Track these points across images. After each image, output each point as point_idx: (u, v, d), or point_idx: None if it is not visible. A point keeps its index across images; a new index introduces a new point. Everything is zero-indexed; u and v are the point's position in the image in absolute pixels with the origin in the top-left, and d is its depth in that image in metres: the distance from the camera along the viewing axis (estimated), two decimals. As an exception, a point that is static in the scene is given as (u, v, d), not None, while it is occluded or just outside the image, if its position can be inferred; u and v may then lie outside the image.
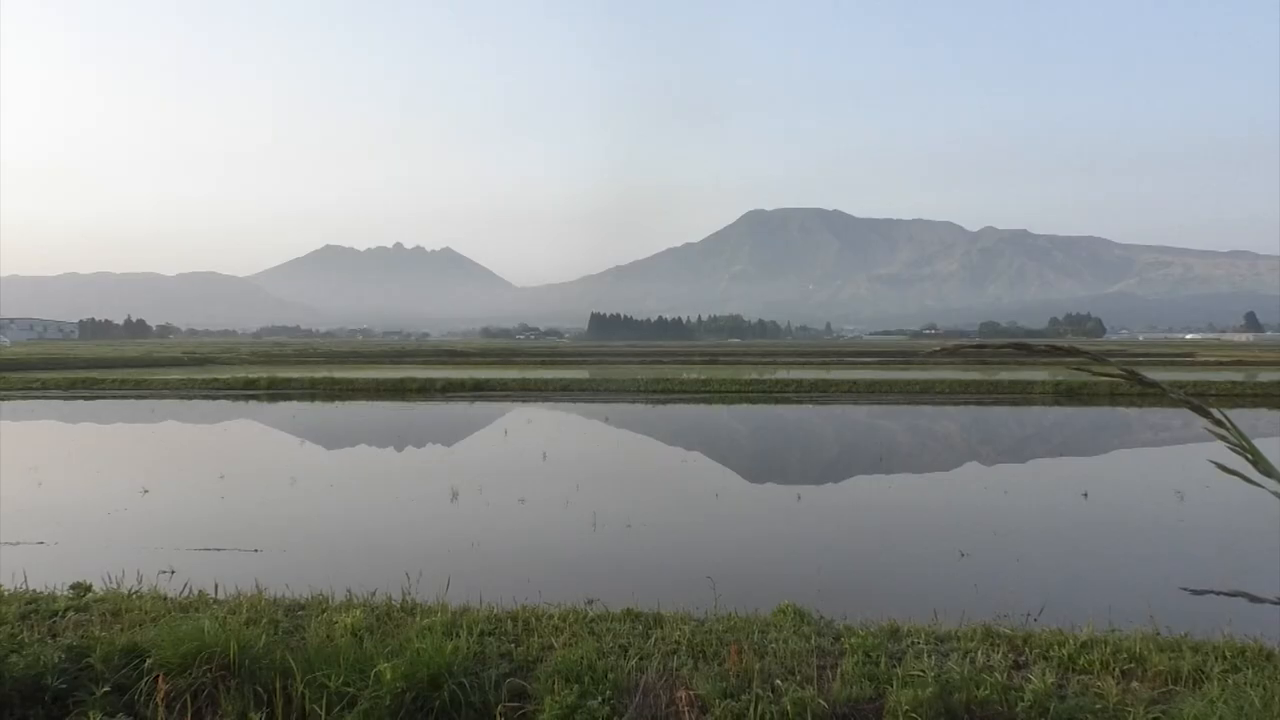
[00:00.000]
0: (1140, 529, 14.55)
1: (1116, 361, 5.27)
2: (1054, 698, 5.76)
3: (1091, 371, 1.19)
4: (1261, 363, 73.08)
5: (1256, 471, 1.14)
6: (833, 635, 7.27)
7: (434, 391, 46.13)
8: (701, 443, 27.45)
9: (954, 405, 39.19)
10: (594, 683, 5.90)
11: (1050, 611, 8.68)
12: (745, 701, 5.69)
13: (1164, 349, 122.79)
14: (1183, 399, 1.15)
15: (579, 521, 14.61)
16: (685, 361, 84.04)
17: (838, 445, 27.57)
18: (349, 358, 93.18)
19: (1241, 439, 1.12)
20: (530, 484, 18.39)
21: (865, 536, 14.30)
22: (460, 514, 15.43)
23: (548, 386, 47.37)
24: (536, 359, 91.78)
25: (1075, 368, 1.21)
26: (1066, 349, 1.20)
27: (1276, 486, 1.14)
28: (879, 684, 6.03)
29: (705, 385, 46.88)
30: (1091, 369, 1.20)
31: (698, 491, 18.17)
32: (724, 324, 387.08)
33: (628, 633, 7.33)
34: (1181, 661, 6.50)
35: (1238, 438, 1.12)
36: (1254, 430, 29.76)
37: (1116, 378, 1.14)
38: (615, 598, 8.81)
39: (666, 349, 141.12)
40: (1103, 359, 1.17)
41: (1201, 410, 1.13)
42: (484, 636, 7.07)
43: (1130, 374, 1.14)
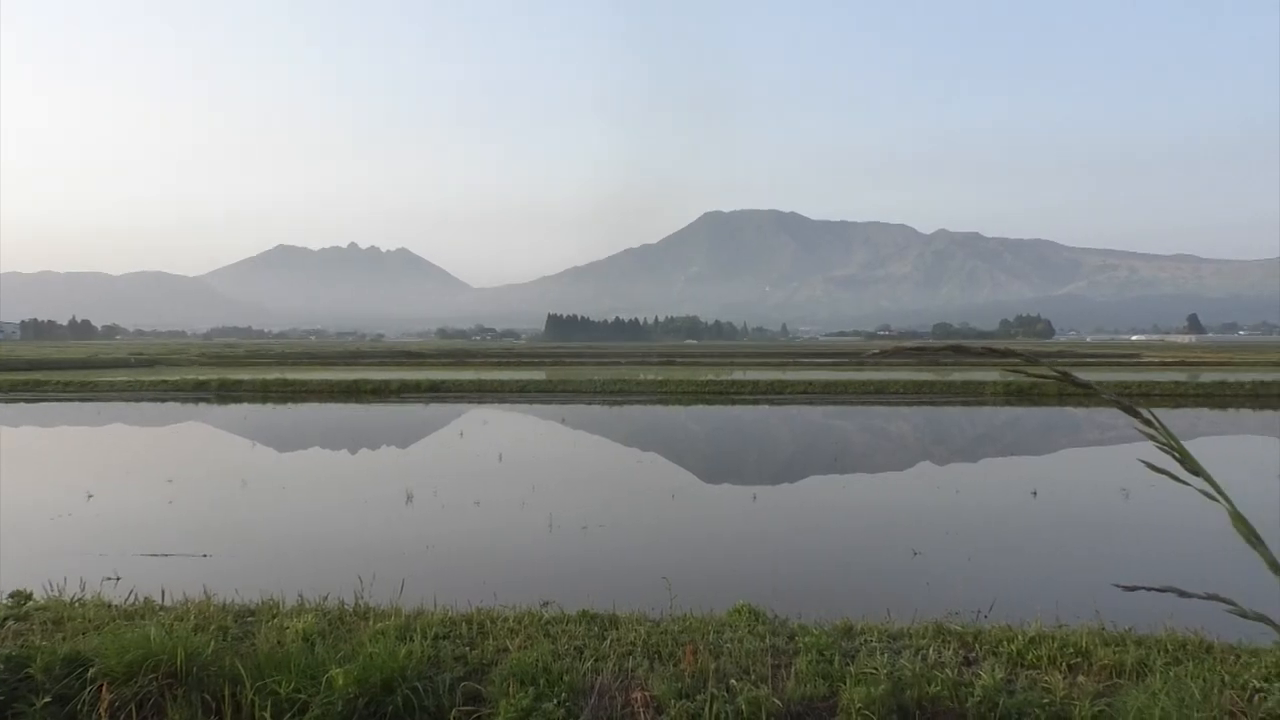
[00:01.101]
0: (1087, 526, 14.82)
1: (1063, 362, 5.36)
2: (1003, 693, 5.85)
3: (1026, 373, 1.21)
4: (1203, 363, 74.90)
5: (1184, 470, 1.16)
6: (787, 634, 7.31)
7: (389, 393, 45.70)
8: (658, 444, 27.49)
9: (908, 406, 39.64)
10: (549, 685, 5.88)
11: (1000, 608, 8.81)
12: (700, 701, 5.70)
13: (1111, 350, 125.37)
14: (1112, 399, 1.17)
15: (535, 523, 14.56)
16: (642, 362, 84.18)
17: (793, 445, 27.76)
18: (302, 359, 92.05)
19: (1170, 438, 1.15)
20: (486, 486, 18.29)
21: (820, 536, 14.40)
22: (415, 516, 15.29)
23: (504, 388, 47.15)
24: (493, 360, 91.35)
25: (1010, 369, 1.22)
26: (1001, 351, 1.21)
27: (1203, 485, 1.16)
28: (833, 682, 6.08)
29: (662, 386, 46.96)
30: (1026, 370, 1.21)
31: (654, 492, 18.19)
32: (681, 325, 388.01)
33: (583, 634, 7.32)
34: (1126, 655, 6.63)
35: (1166, 437, 1.15)
36: (1195, 429, 30.50)
37: (1049, 379, 1.16)
38: (571, 599, 8.79)
39: (623, 350, 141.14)
40: (1036, 360, 1.19)
41: (1131, 410, 1.16)
42: (438, 640, 7.01)
43: (1063, 375, 1.16)
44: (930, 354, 1.23)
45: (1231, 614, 1.22)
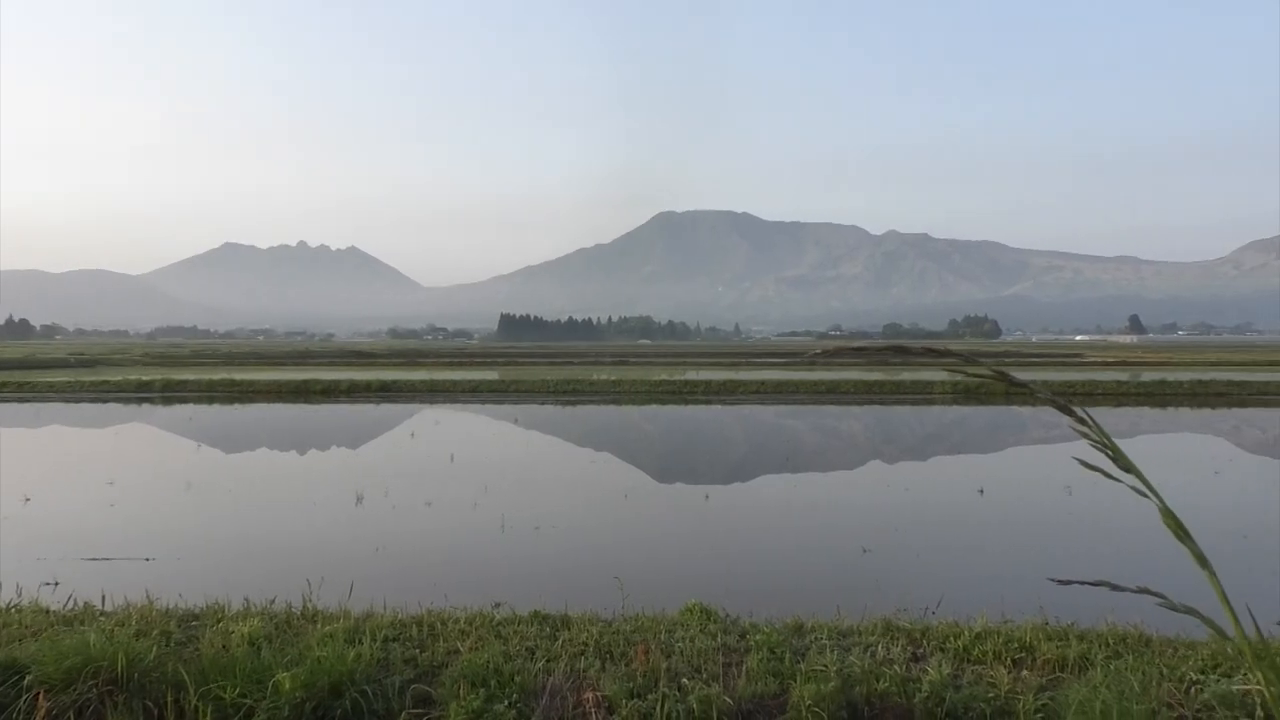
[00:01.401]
0: (1032, 523, 15.10)
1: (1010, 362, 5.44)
2: (950, 688, 5.92)
3: (965, 373, 1.23)
4: (1144, 363, 76.75)
5: (1116, 468, 1.19)
6: (739, 633, 7.35)
7: (339, 393, 45.13)
8: (611, 443, 27.49)
9: (858, 405, 40.09)
10: (500, 686, 5.85)
11: (947, 604, 8.93)
12: (652, 701, 5.71)
13: (1056, 350, 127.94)
14: (1048, 398, 1.19)
15: (487, 524, 14.47)
16: (595, 362, 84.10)
17: (746, 445, 27.91)
18: (249, 359, 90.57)
19: (1103, 436, 1.17)
20: (438, 486, 18.15)
21: (772, 535, 14.50)
22: (365, 518, 15.12)
23: (456, 388, 46.82)
24: (445, 360, 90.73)
25: (949, 369, 1.24)
26: (941, 351, 1.23)
27: (1134, 482, 1.19)
28: (783, 680, 6.12)
29: (615, 386, 46.95)
30: (965, 370, 1.23)
31: (607, 492, 18.18)
32: (634, 325, 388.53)
33: (535, 635, 7.29)
34: (1068, 649, 6.76)
35: (1099, 435, 1.17)
36: (1136, 428, 31.23)
37: (988, 378, 1.18)
38: (523, 600, 8.75)
39: (577, 350, 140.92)
40: (974, 360, 1.21)
41: (1066, 409, 1.18)
42: (388, 642, 6.94)
43: (1000, 375, 1.18)
44: (873, 354, 1.24)
45: (1162, 607, 1.24)
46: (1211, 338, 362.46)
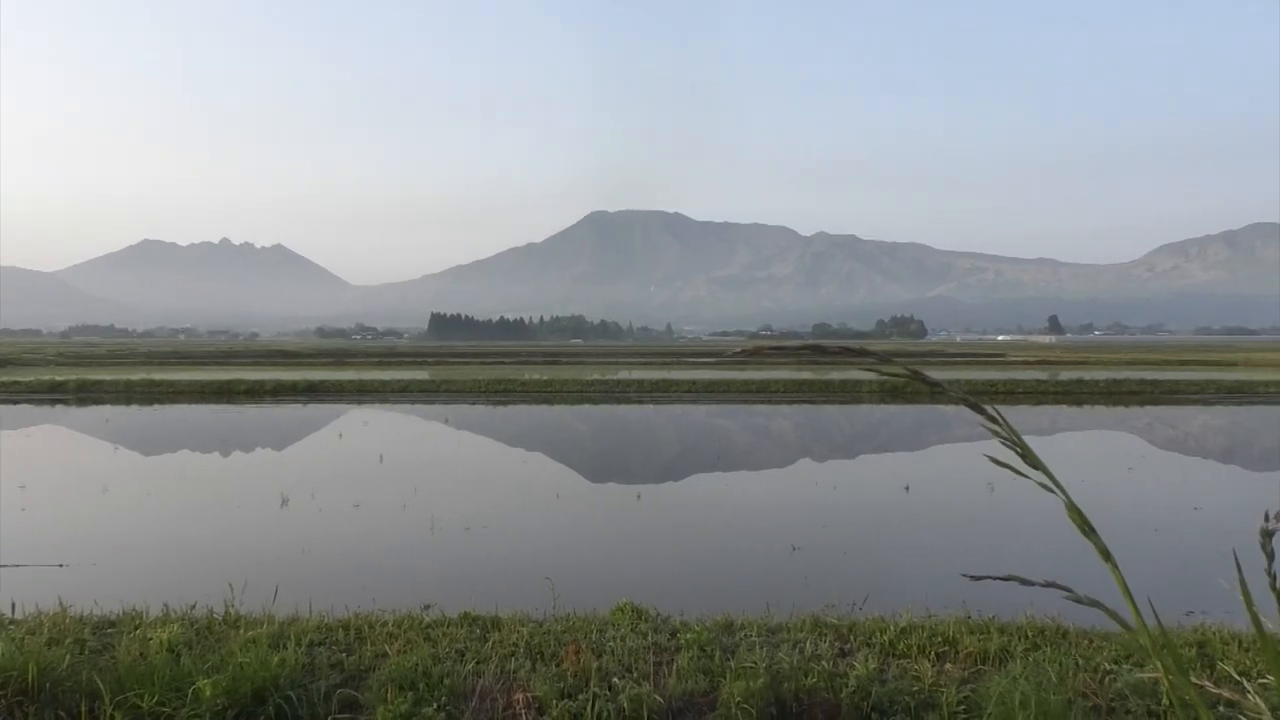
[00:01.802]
0: (956, 519, 15.44)
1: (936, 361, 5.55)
2: (876, 682, 6.04)
3: (880, 372, 1.25)
4: (1062, 362, 79.08)
5: (1025, 464, 1.22)
6: (669, 631, 7.38)
7: (264, 393, 44.14)
8: (543, 444, 27.38)
9: (788, 404, 40.56)
10: (429, 689, 5.79)
11: (874, 600, 9.09)
12: (583, 701, 5.71)
13: (979, 350, 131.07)
14: (960, 397, 1.22)
15: (416, 525, 14.31)
16: (527, 362, 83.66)
17: (678, 444, 28.05)
18: (170, 358, 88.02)
19: (1012, 434, 1.20)
20: (366, 488, 17.88)
21: (703, 533, 14.59)
22: (290, 520, 14.82)
23: (385, 388, 46.16)
24: (373, 359, 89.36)
25: (865, 368, 1.26)
26: (857, 350, 1.25)
27: (1042, 478, 1.22)
28: (713, 677, 6.17)
29: (547, 386, 46.78)
30: (880, 369, 1.25)
31: (539, 492, 18.10)
32: (566, 324, 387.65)
33: (465, 637, 7.23)
34: (990, 642, 6.94)
35: (1009, 433, 1.20)
36: (1055, 425, 32.18)
37: (902, 377, 1.20)
38: (453, 602, 8.67)
39: (508, 349, 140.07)
40: (889, 360, 1.23)
41: (976, 407, 1.21)
42: (313, 647, 6.81)
43: (914, 374, 1.20)
44: (791, 353, 1.26)
45: (1068, 600, 1.28)
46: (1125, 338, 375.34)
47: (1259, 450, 26.77)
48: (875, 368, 1.27)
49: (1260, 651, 5.94)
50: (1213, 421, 33.67)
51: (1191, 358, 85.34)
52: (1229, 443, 28.45)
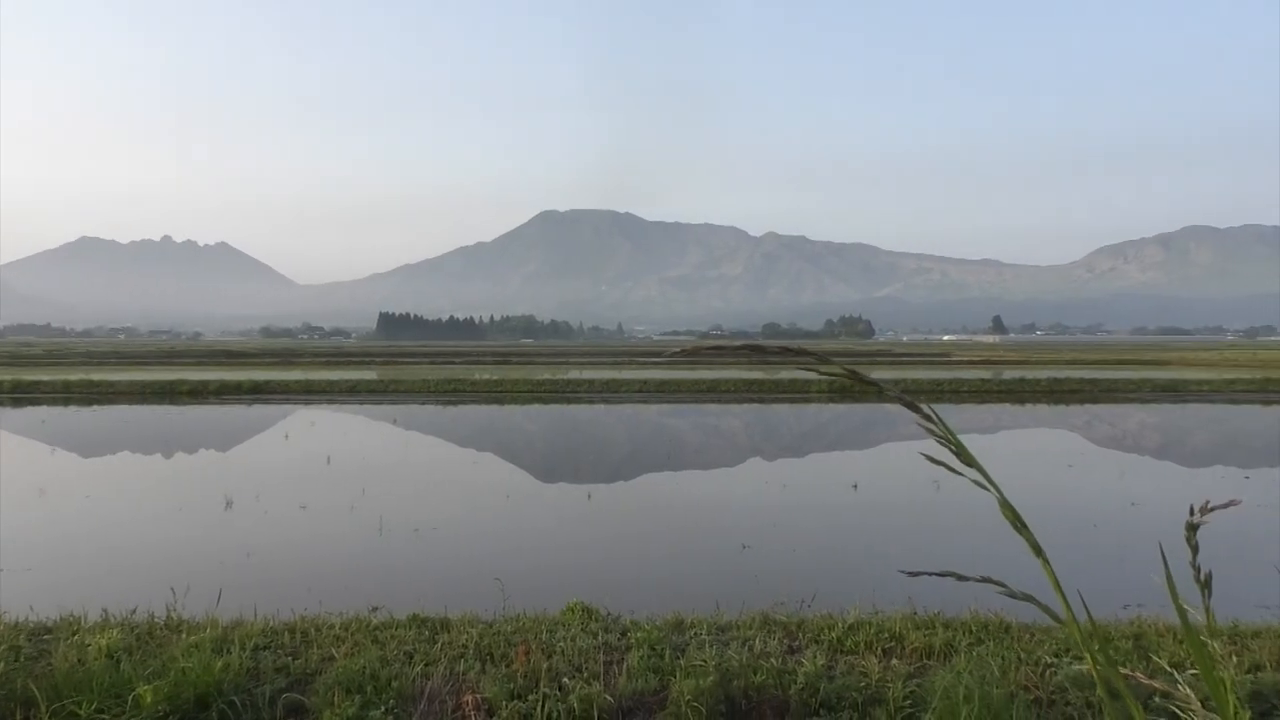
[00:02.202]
0: (903, 516, 15.65)
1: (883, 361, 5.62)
2: (824, 678, 6.10)
3: (819, 371, 1.27)
4: (1006, 362, 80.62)
5: (959, 462, 1.25)
6: (620, 631, 7.39)
7: (207, 394, 43.31)
8: (493, 444, 27.23)
9: (738, 404, 40.80)
10: (376, 692, 5.73)
11: (822, 597, 9.19)
12: (533, 702, 5.69)
13: (925, 350, 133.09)
14: (896, 396, 1.24)
15: (364, 527, 14.14)
16: (477, 362, 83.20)
17: (629, 444, 28.07)
18: (109, 358, 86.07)
19: (947, 432, 1.23)
20: (312, 489, 17.63)
21: (654, 532, 14.63)
22: (235, 523, 14.57)
23: (333, 388, 45.57)
24: (321, 359, 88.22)
25: (804, 367, 1.28)
26: (796, 350, 1.27)
27: (976, 475, 1.25)
28: (663, 676, 6.19)
29: (497, 386, 46.54)
30: (819, 369, 1.27)
31: (489, 493, 18.00)
32: (517, 324, 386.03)
33: (414, 639, 7.17)
34: (935, 638, 7.05)
35: (944, 431, 1.23)
36: (999, 423, 32.78)
37: (839, 377, 1.22)
38: (402, 604, 8.59)
39: (458, 349, 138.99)
40: (827, 359, 1.25)
41: (912, 406, 1.23)
42: (258, 651, 6.71)
43: (851, 374, 1.22)
44: (730, 353, 1.27)
45: (1002, 594, 1.31)
46: (1066, 338, 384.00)
47: (1192, 447, 27.53)
48: (814, 367, 1.29)
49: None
50: (1149, 419, 34.54)
51: (1129, 357, 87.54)
52: (1164, 440, 29.22)
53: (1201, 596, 1.41)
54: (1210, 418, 35.07)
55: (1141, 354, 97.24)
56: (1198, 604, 1.50)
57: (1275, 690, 5.73)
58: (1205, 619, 1.41)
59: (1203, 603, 1.41)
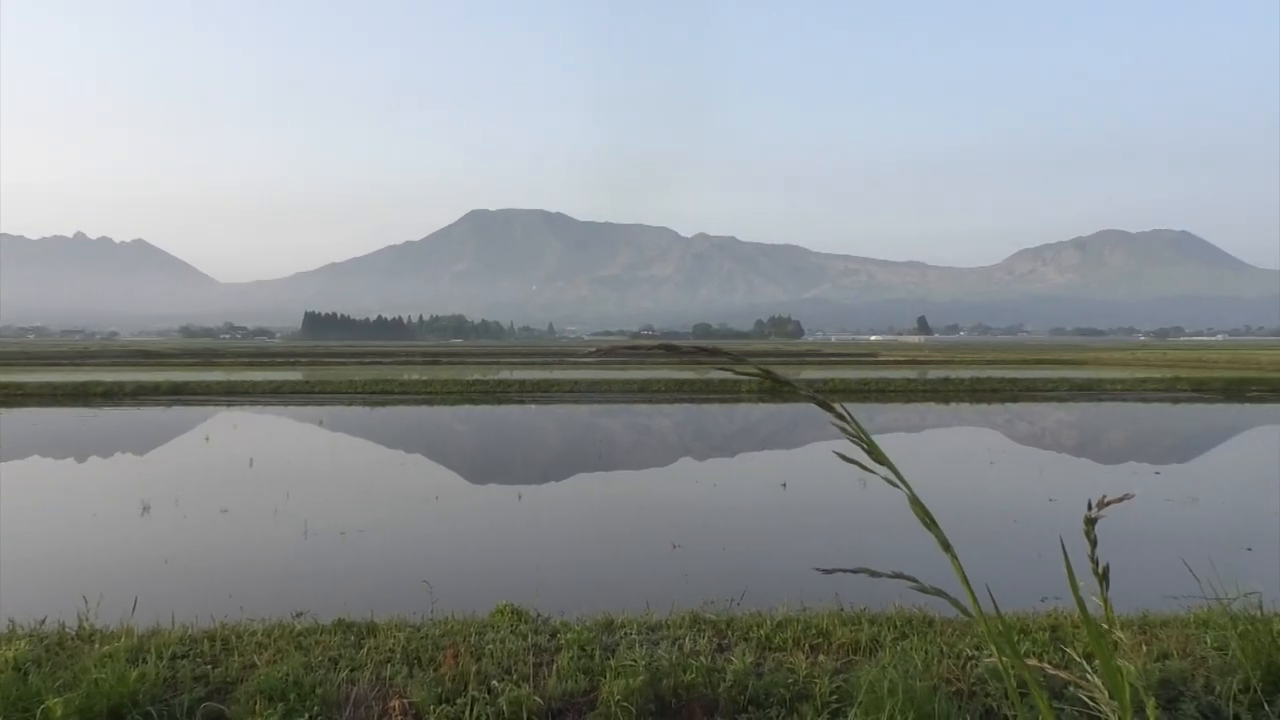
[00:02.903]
0: (830, 513, 15.90)
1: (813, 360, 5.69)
2: (752, 675, 6.15)
3: (734, 371, 1.29)
4: (930, 362, 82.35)
5: (871, 460, 1.27)
6: (550, 632, 7.36)
7: (123, 395, 41.99)
8: (423, 445, 26.92)
9: (670, 404, 40.98)
10: (300, 699, 5.62)
11: (751, 595, 9.27)
12: (461, 705, 5.64)
13: (853, 349, 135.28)
14: (809, 395, 1.27)
15: (288, 531, 13.86)
16: (406, 362, 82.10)
17: (560, 444, 27.99)
18: (18, 359, 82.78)
19: (859, 431, 1.25)
20: (234, 493, 17.23)
21: (585, 533, 14.61)
22: (152, 528, 14.15)
23: (256, 389, 44.53)
24: (243, 360, 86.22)
25: (719, 367, 1.29)
26: (710, 350, 1.28)
27: (887, 473, 1.27)
28: (593, 676, 6.18)
29: (427, 386, 46.01)
30: (734, 369, 1.29)
31: (417, 494, 17.78)
32: (446, 324, 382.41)
33: (339, 644, 7.04)
34: (861, 633, 7.17)
35: (856, 429, 1.25)
36: (924, 422, 33.49)
37: (754, 376, 1.24)
38: (327, 609, 8.43)
39: (386, 349, 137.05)
40: (742, 359, 1.27)
41: (825, 405, 1.26)
42: (176, 660, 6.52)
43: (765, 373, 1.24)
44: (645, 353, 1.28)
45: (913, 589, 1.34)
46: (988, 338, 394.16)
47: (1107, 444, 28.46)
48: (729, 367, 1.30)
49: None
50: (1066, 417, 35.62)
51: (1047, 357, 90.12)
52: (1081, 437, 30.16)
53: (1099, 588, 1.46)
54: (1123, 415, 36.31)
55: (1059, 354, 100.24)
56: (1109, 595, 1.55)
57: (1181, 678, 5.95)
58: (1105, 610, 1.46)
59: (1100, 594, 1.46)
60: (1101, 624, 1.33)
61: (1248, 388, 47.48)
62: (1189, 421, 34.87)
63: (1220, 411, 38.10)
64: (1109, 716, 1.52)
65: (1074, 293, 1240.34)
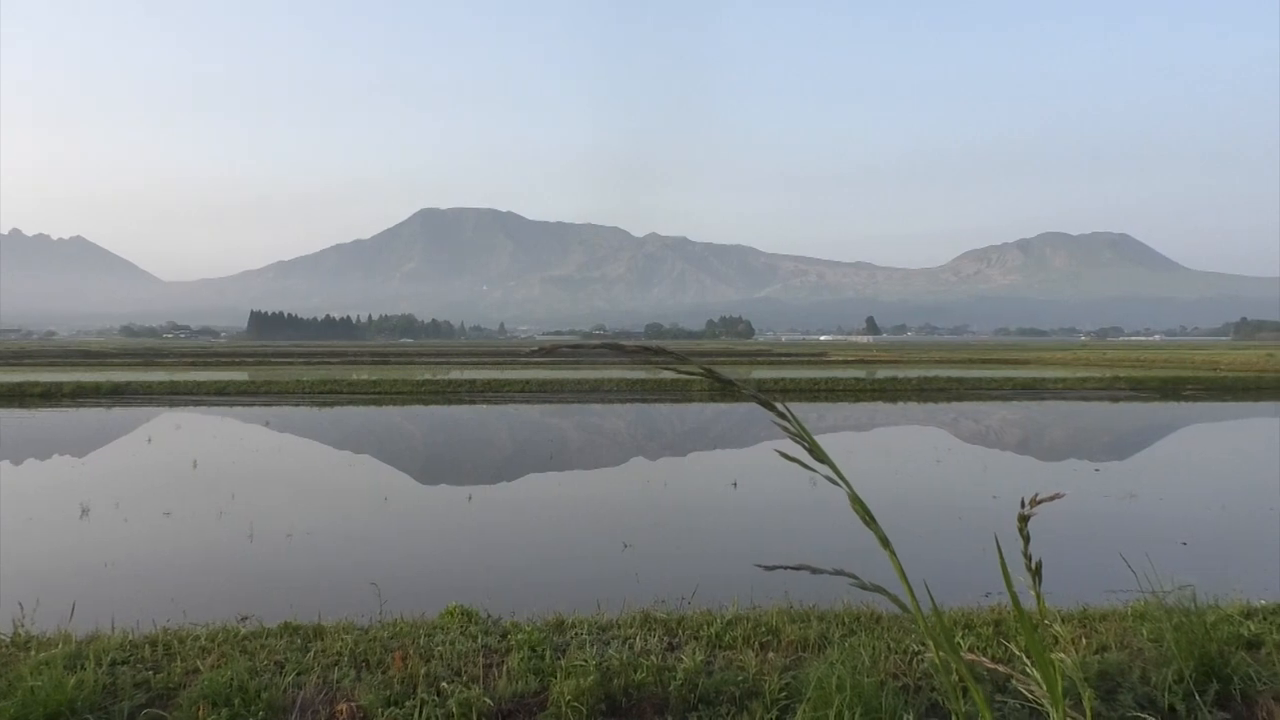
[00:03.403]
0: (782, 512, 16.03)
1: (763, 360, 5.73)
2: (703, 674, 6.18)
3: (676, 370, 1.30)
4: (879, 361, 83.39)
5: (812, 459, 1.29)
6: (500, 633, 7.33)
7: (62, 396, 40.95)
8: (372, 446, 26.62)
9: (621, 403, 40.99)
10: (245, 704, 5.54)
11: (702, 594, 9.32)
12: (410, 708, 5.60)
13: (804, 349, 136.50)
14: (751, 395, 1.28)
15: (233, 534, 13.62)
16: (354, 362, 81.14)
17: (511, 444, 27.86)
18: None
19: (801, 430, 1.27)
20: (178, 495, 16.89)
21: (535, 533, 14.56)
22: (92, 532, 13.82)
23: (200, 389, 43.70)
24: (187, 360, 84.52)
25: (662, 366, 1.31)
26: (654, 349, 1.29)
27: (828, 471, 1.29)
28: (544, 677, 6.17)
29: (376, 386, 45.50)
30: (677, 368, 1.30)
31: (366, 496, 17.59)
32: (396, 324, 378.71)
33: (285, 648, 6.94)
34: (809, 630, 7.24)
35: (798, 428, 1.27)
36: (873, 420, 33.89)
37: (697, 375, 1.25)
38: (273, 613, 8.32)
39: (334, 349, 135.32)
40: (685, 358, 1.28)
41: (766, 404, 1.27)
42: (116, 666, 6.38)
43: (708, 373, 1.25)
44: (588, 352, 1.28)
45: (854, 586, 1.36)
46: (935, 338, 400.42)
47: (1049, 441, 29.05)
48: (672, 366, 1.31)
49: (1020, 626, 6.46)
50: (1010, 416, 36.30)
51: (992, 357, 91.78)
52: (1024, 435, 30.75)
53: (1033, 583, 1.49)
54: (1065, 414, 37.08)
55: (1003, 354, 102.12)
56: (1044, 591, 1.59)
57: (1119, 669, 6.11)
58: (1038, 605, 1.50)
59: (1033, 589, 1.50)
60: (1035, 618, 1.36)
61: (1183, 386, 48.79)
62: (1127, 420, 35.73)
63: (1157, 410, 39.11)
64: (1047, 708, 1.56)
65: (1018, 293, 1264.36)
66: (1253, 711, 5.76)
